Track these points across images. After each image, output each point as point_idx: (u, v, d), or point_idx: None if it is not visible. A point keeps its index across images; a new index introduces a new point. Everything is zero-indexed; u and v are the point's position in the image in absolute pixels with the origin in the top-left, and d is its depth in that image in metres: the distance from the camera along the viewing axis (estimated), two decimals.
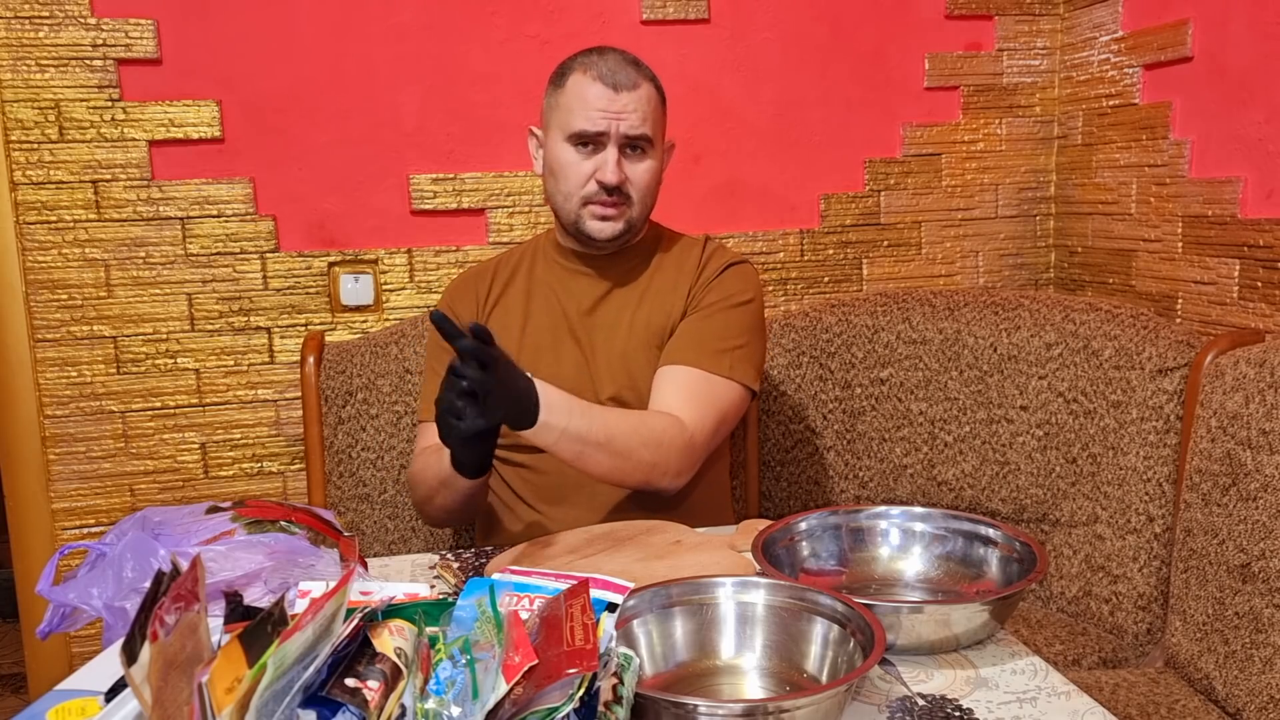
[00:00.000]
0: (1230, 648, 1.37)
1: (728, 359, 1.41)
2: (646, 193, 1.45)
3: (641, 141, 1.41)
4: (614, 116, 1.39)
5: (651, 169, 1.44)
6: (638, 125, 1.40)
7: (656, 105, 1.44)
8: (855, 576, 1.14)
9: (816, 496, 1.93)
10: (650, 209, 1.48)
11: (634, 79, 1.40)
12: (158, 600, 0.66)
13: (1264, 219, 1.68)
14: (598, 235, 1.44)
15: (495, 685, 0.68)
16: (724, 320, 1.44)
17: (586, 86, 1.40)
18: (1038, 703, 0.89)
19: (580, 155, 1.42)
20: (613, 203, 1.42)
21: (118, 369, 1.92)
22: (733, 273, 1.49)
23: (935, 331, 1.83)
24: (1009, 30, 2.16)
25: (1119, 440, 1.63)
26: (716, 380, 1.40)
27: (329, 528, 1.11)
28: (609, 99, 1.39)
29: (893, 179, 2.17)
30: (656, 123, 1.44)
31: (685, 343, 1.43)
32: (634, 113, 1.39)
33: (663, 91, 1.46)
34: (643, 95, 1.41)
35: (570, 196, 1.43)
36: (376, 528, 1.81)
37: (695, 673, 0.93)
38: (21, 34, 1.81)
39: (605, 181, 1.40)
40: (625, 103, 1.39)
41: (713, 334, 1.43)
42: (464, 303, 1.55)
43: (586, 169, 1.41)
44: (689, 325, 1.45)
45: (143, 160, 1.88)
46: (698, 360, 1.40)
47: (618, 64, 1.41)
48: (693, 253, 1.52)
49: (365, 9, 1.93)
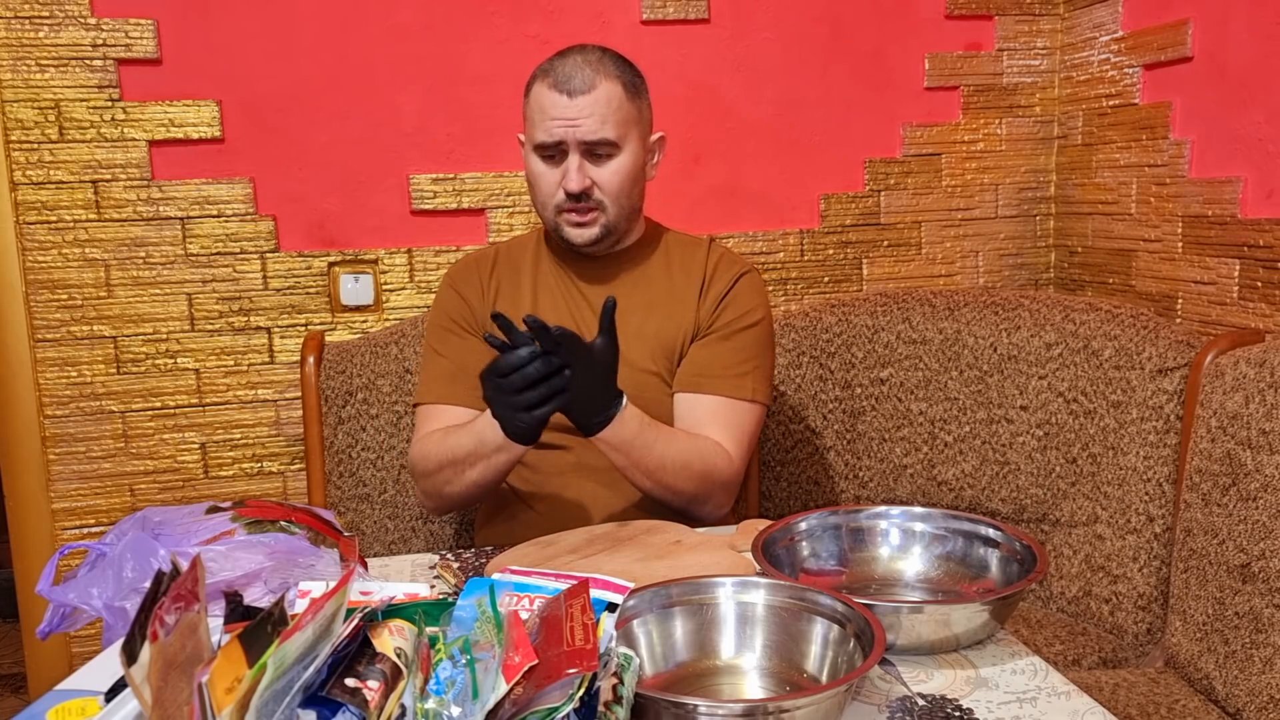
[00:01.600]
0: (1230, 648, 1.37)
1: (749, 381, 1.43)
2: (619, 194, 1.42)
3: (602, 146, 1.38)
4: (569, 124, 1.37)
5: (620, 169, 1.40)
6: (594, 130, 1.37)
7: (622, 103, 1.39)
8: (855, 576, 1.14)
9: (816, 496, 1.93)
10: (631, 209, 1.45)
11: (590, 81, 1.37)
12: (158, 600, 0.66)
13: (1264, 219, 1.68)
14: (575, 241, 1.43)
15: (495, 685, 0.68)
16: (742, 341, 1.44)
17: (543, 96, 1.39)
18: (1038, 703, 0.89)
19: (547, 166, 1.41)
20: (582, 208, 1.40)
21: (118, 369, 1.92)
22: (744, 286, 1.47)
23: (935, 331, 1.83)
24: (1009, 30, 2.16)
25: (1119, 440, 1.63)
26: (742, 406, 1.43)
27: (329, 528, 1.11)
28: (563, 105, 1.36)
29: (893, 179, 2.17)
30: (622, 121, 1.39)
31: (708, 368, 1.42)
32: (589, 117, 1.36)
33: (635, 85, 1.42)
34: (600, 97, 1.37)
35: (545, 205, 1.43)
36: (376, 528, 1.81)
37: (695, 673, 0.93)
38: (21, 34, 1.81)
39: (569, 189, 1.38)
40: (581, 107, 1.36)
41: (733, 358, 1.43)
42: (469, 286, 1.52)
43: (554, 178, 1.40)
44: (708, 350, 1.44)
45: (143, 160, 1.88)
46: (724, 388, 1.42)
47: (575, 67, 1.38)
48: (697, 256, 1.50)
49: (365, 9, 1.93)
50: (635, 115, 1.42)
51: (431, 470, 1.41)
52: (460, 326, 1.50)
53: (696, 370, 1.43)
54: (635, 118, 1.42)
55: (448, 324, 1.51)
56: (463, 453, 1.36)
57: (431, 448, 1.41)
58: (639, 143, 1.43)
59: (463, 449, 1.36)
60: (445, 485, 1.40)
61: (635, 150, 1.42)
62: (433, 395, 1.48)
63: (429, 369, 1.51)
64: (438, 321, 1.52)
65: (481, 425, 1.33)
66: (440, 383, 1.48)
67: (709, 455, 1.38)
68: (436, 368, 1.49)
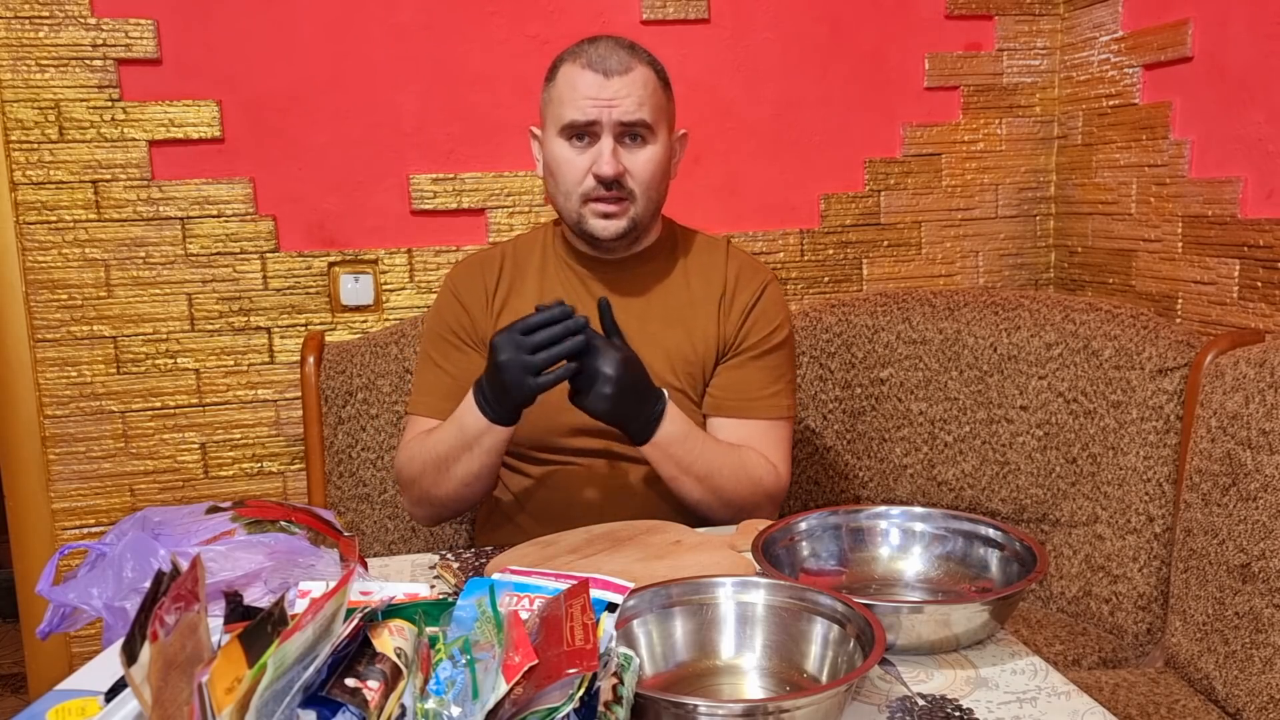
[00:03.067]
0: (1230, 648, 1.37)
1: (783, 399, 1.43)
2: (650, 185, 1.35)
3: (639, 128, 1.33)
4: (605, 104, 1.31)
5: (654, 158, 1.35)
6: (633, 110, 1.31)
7: (656, 89, 1.35)
8: (855, 576, 1.14)
9: (816, 496, 1.93)
10: (658, 204, 1.40)
11: (627, 62, 1.32)
12: (158, 600, 0.66)
13: (1264, 219, 1.68)
14: (601, 234, 1.36)
15: (495, 685, 0.68)
16: (773, 360, 1.43)
17: (576, 75, 1.32)
18: (1038, 703, 0.89)
19: (575, 150, 1.34)
20: (613, 198, 1.33)
21: (118, 369, 1.92)
22: (768, 299, 1.43)
23: (935, 331, 1.83)
24: (1009, 30, 2.16)
25: (1119, 440, 1.63)
26: (779, 423, 1.42)
27: (329, 528, 1.10)
28: (599, 85, 1.31)
29: (893, 179, 2.17)
30: (657, 108, 1.34)
31: (744, 392, 1.40)
32: (627, 98, 1.31)
33: (665, 76, 1.38)
34: (637, 79, 1.32)
35: (570, 195, 1.36)
36: (376, 528, 1.81)
37: (695, 673, 0.93)
38: (21, 34, 1.81)
39: (602, 174, 1.32)
40: (618, 88, 1.30)
41: (765, 378, 1.42)
42: (472, 295, 1.45)
43: (583, 164, 1.33)
44: (740, 373, 1.41)
45: (143, 160, 1.88)
46: (762, 410, 1.41)
47: (609, 49, 1.33)
48: (715, 261, 1.45)
49: (365, 9, 1.93)
50: (666, 104, 1.38)
51: (416, 474, 1.37)
52: (459, 338, 1.45)
53: (731, 395, 1.41)
54: (666, 107, 1.38)
55: (447, 334, 1.46)
56: (444, 448, 1.32)
57: (414, 450, 1.38)
58: (668, 134, 1.39)
59: (444, 443, 1.32)
60: (432, 488, 1.36)
61: (665, 141, 1.38)
62: (424, 408, 1.43)
63: (424, 378, 1.46)
64: (436, 329, 1.47)
65: (461, 413, 1.30)
66: (435, 396, 1.43)
67: (755, 463, 1.37)
68: (432, 379, 1.45)
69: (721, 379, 1.42)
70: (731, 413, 1.40)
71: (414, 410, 1.45)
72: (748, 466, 1.36)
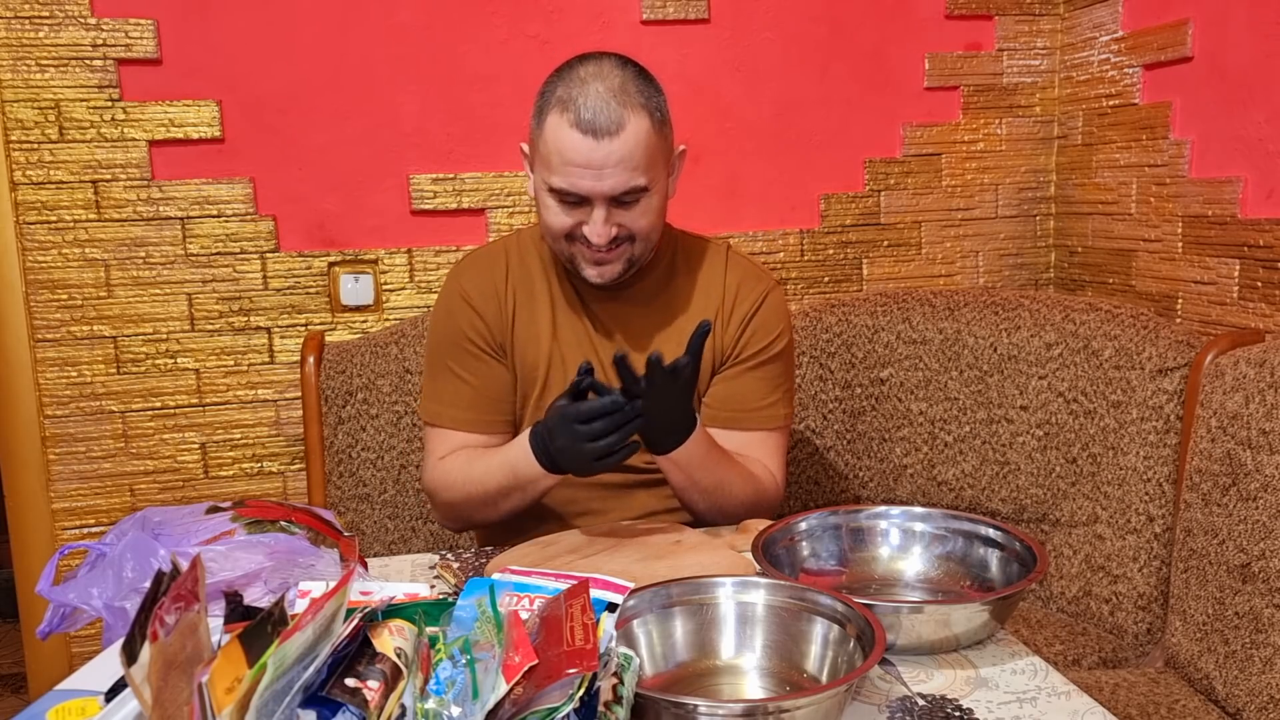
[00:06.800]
0: (1230, 648, 1.37)
1: (780, 408, 1.42)
2: (649, 231, 1.31)
3: (631, 194, 1.26)
4: (595, 174, 1.23)
5: (651, 208, 1.29)
6: (625, 182, 1.24)
7: (649, 137, 1.25)
8: (855, 576, 1.14)
9: (816, 496, 1.93)
10: (656, 239, 1.35)
11: (618, 119, 1.22)
12: (158, 600, 0.66)
13: (1264, 219, 1.68)
14: (594, 281, 1.32)
15: (495, 685, 0.68)
16: (770, 370, 1.41)
17: (564, 136, 1.22)
18: (1038, 703, 0.89)
19: (565, 207, 1.27)
20: (607, 249, 1.28)
21: (118, 369, 1.92)
22: (768, 308, 1.40)
23: (935, 331, 1.83)
24: (1009, 30, 2.16)
25: (1119, 440, 1.63)
26: (776, 433, 1.42)
27: (329, 528, 1.10)
28: (588, 150, 1.21)
29: (893, 179, 2.17)
30: (652, 161, 1.26)
31: (740, 403, 1.39)
32: (617, 165, 1.22)
33: (660, 109, 1.28)
34: (630, 137, 1.22)
35: (557, 239, 1.32)
36: (376, 528, 1.81)
37: (695, 673, 0.93)
38: (21, 34, 1.81)
39: (594, 242, 1.27)
40: (608, 154, 1.22)
41: (762, 388, 1.40)
42: (484, 298, 1.40)
43: (569, 221, 1.28)
44: (737, 384, 1.40)
45: (143, 160, 1.88)
46: (758, 421, 1.40)
47: (600, 101, 1.22)
48: (715, 269, 1.42)
49: (365, 9, 1.93)
50: (662, 146, 1.29)
51: (457, 500, 1.36)
52: (477, 347, 1.40)
53: (727, 406, 1.39)
54: (662, 148, 1.29)
55: (464, 342, 1.40)
56: (494, 485, 1.31)
57: (455, 476, 1.36)
58: (666, 171, 1.33)
59: (494, 482, 1.31)
60: (475, 514, 1.37)
61: (663, 181, 1.32)
62: (449, 420, 1.40)
63: (443, 387, 1.41)
64: (452, 337, 1.41)
65: (514, 458, 1.29)
66: (458, 408, 1.39)
67: (759, 478, 1.37)
68: (453, 390, 1.40)
69: (718, 390, 1.40)
70: (728, 424, 1.39)
71: (436, 422, 1.41)
72: (753, 480, 1.36)
